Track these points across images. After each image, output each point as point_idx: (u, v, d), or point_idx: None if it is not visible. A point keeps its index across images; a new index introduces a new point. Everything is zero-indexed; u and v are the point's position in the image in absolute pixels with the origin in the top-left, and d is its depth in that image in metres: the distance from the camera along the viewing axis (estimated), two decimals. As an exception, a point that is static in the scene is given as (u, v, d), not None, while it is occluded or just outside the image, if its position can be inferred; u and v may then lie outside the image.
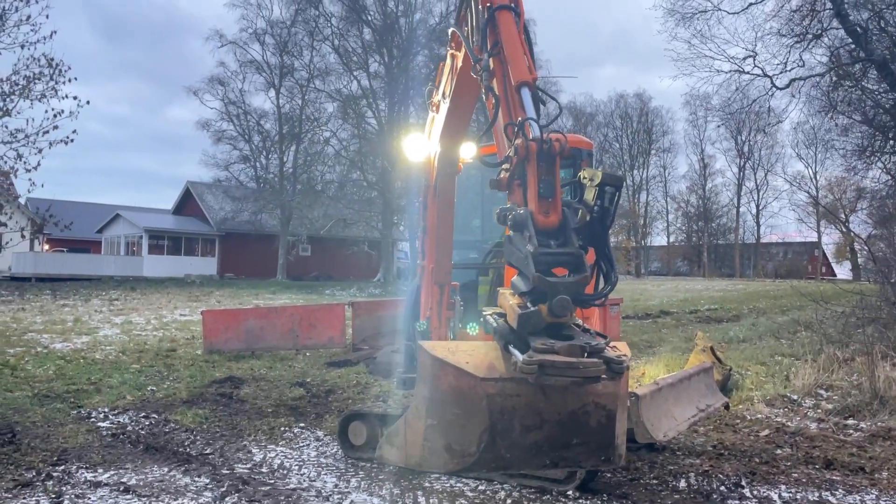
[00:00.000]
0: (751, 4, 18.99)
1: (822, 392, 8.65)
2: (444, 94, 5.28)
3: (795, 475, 5.74)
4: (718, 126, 62.28)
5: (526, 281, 3.07)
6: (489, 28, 3.92)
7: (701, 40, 20.19)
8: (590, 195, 3.43)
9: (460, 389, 3.17)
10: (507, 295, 3.20)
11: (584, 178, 3.46)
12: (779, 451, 6.43)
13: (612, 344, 3.37)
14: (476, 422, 3.15)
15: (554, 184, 3.21)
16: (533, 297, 3.05)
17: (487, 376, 3.11)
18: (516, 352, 2.99)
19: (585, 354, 2.93)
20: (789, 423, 7.41)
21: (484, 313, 3.31)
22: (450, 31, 4.96)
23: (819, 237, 69.39)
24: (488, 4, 3.96)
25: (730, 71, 20.17)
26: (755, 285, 43.40)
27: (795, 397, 8.47)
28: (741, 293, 34.17)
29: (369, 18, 41.09)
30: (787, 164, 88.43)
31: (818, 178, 64.79)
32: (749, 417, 7.72)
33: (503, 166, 3.43)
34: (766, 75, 19.52)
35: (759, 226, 74.73)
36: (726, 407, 7.40)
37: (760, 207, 74.03)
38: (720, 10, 19.58)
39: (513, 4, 3.98)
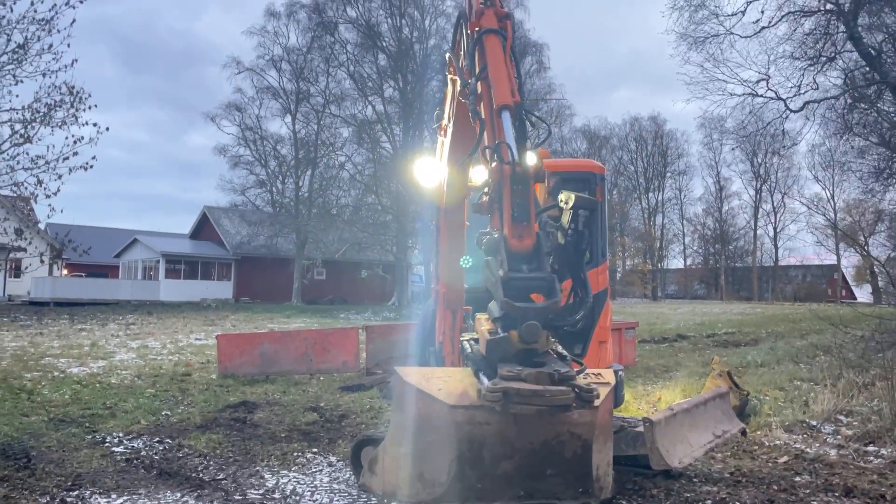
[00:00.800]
0: (763, 28, 19.00)
1: (842, 418, 8.51)
2: (448, 117, 5.33)
3: (815, 503, 5.63)
4: (733, 149, 62.14)
5: (498, 306, 2.99)
6: (477, 52, 3.90)
7: (713, 64, 20.19)
8: (565, 218, 3.36)
9: (431, 417, 3.07)
10: (482, 320, 3.14)
11: (561, 201, 3.41)
12: (798, 479, 6.32)
13: (594, 372, 3.29)
14: (446, 450, 3.04)
15: (528, 207, 3.13)
16: (504, 323, 2.96)
17: (457, 404, 3.01)
18: (484, 378, 2.91)
19: (553, 382, 2.83)
20: (808, 450, 7.28)
21: (461, 339, 3.25)
22: (446, 55, 4.98)
23: (838, 260, 68.64)
24: (477, 28, 3.95)
25: (743, 94, 20.14)
26: (773, 309, 42.92)
27: (815, 423, 8.33)
28: (759, 317, 33.80)
29: (384, 45, 41.63)
30: (805, 186, 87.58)
31: (836, 200, 64.27)
32: (767, 444, 7.59)
33: (484, 190, 3.36)
34: (779, 98, 19.47)
35: (776, 248, 74.16)
36: (743, 433, 7.30)
37: (778, 230, 73.49)
38: (732, 34, 19.60)
39: (501, 28, 3.96)
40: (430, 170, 6.20)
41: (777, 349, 17.57)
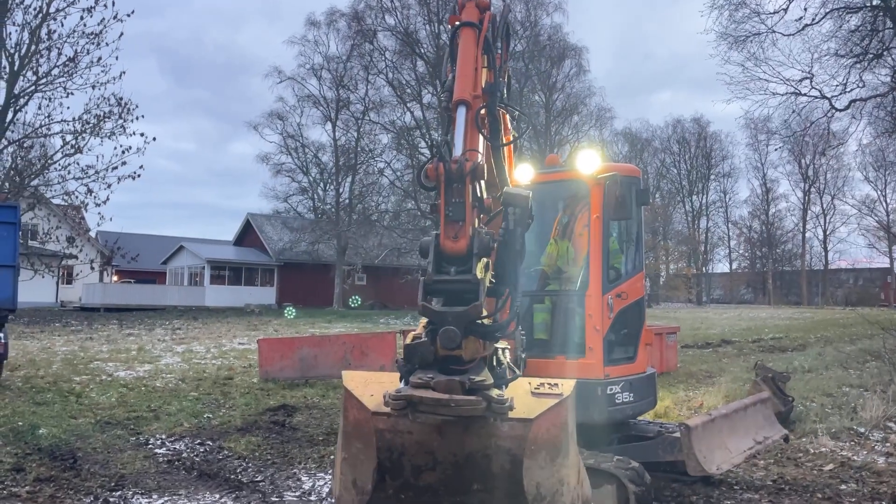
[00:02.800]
0: (806, 26, 18.53)
1: (892, 425, 8.25)
2: None
3: (861, 512, 5.47)
4: (777, 149, 60.80)
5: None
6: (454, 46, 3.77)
7: (755, 63, 19.77)
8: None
9: (359, 423, 3.00)
10: (419, 326, 3.00)
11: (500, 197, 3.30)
12: (843, 487, 6.14)
13: (551, 382, 3.16)
14: (371, 458, 2.95)
15: (464, 207, 2.99)
16: (428, 328, 2.85)
17: (378, 410, 2.91)
18: (401, 385, 2.82)
19: (465, 391, 2.67)
20: (855, 458, 7.07)
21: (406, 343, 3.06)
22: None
23: (891, 263, 66.50)
24: (457, 23, 3.84)
25: (786, 93, 19.66)
26: (823, 313, 41.76)
27: (863, 430, 8.09)
28: (808, 322, 32.93)
29: (422, 51, 41.85)
30: (855, 187, 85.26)
31: (888, 201, 62.35)
32: (812, 451, 7.39)
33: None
34: (824, 97, 18.97)
35: (826, 252, 72.10)
36: (786, 439, 7.11)
37: (828, 233, 71.47)
38: (774, 32, 19.18)
39: (477, 21, 3.80)
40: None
41: (825, 355, 17.09)
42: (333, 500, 3.75)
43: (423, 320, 2.94)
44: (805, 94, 19.32)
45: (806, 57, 34.64)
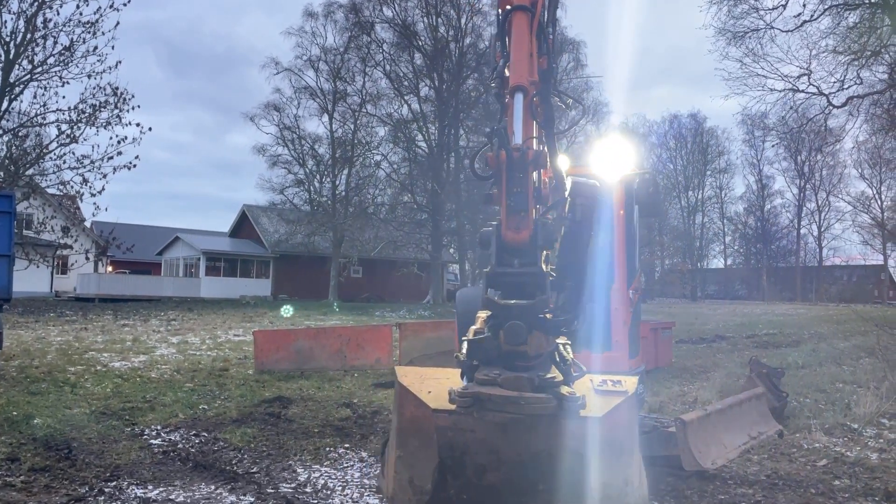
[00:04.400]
0: (805, 22, 18.59)
1: (885, 421, 8.29)
2: None
3: (854, 508, 5.50)
4: (774, 146, 60.88)
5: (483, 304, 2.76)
6: (507, 31, 3.60)
7: (753, 59, 19.85)
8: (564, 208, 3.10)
9: (417, 420, 2.89)
10: (479, 319, 2.86)
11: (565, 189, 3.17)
12: (836, 482, 6.17)
13: (613, 379, 3.05)
14: (430, 456, 2.83)
15: (526, 196, 2.85)
16: (491, 322, 2.73)
17: (440, 407, 2.79)
18: (464, 382, 2.73)
19: (534, 389, 2.57)
20: (849, 453, 7.11)
21: (463, 338, 2.94)
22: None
23: (885, 260, 66.79)
24: (507, 7, 3.68)
25: (784, 89, 19.75)
26: (817, 310, 41.89)
27: (856, 426, 8.13)
28: (802, 318, 33.05)
29: (420, 44, 41.77)
30: (850, 184, 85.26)
31: (883, 198, 62.49)
32: (806, 446, 7.42)
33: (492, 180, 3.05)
34: (821, 93, 19.02)
35: (821, 248, 72.38)
36: (780, 435, 7.15)
37: (822, 229, 71.73)
38: (773, 28, 19.21)
39: (532, 4, 3.63)
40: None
41: (819, 351, 17.16)
42: (386, 499, 3.63)
43: (483, 314, 2.81)
44: (803, 91, 19.41)
45: (804, 53, 34.64)
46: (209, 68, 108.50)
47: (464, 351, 2.75)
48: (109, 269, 49.49)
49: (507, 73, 3.48)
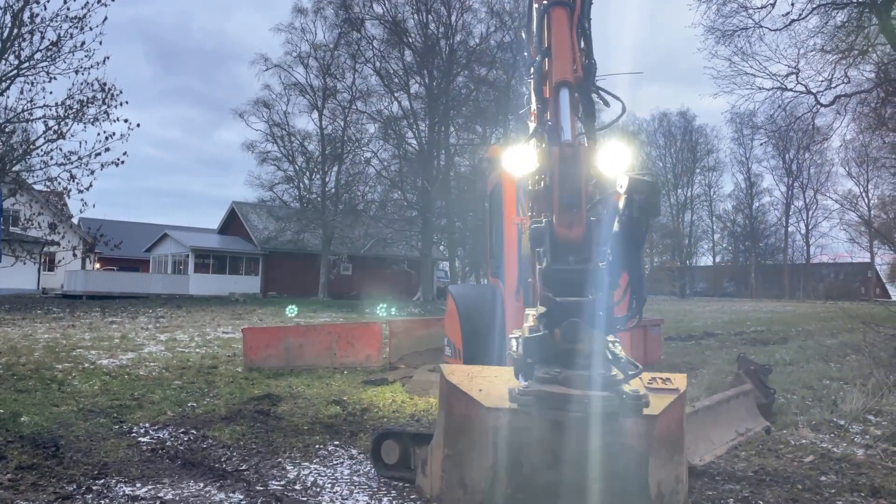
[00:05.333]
0: (793, 21, 18.67)
1: (871, 417, 8.36)
2: (534, 101, 5.16)
3: (840, 503, 5.54)
4: (762, 144, 61.26)
5: (539, 301, 2.73)
6: (545, 26, 3.60)
7: (742, 57, 19.92)
8: (619, 205, 3.05)
9: (470, 419, 2.84)
10: (530, 316, 2.84)
11: (618, 185, 3.12)
12: (823, 478, 6.22)
13: (663, 377, 3.01)
14: (484, 455, 2.78)
15: (579, 194, 2.85)
16: (546, 320, 2.68)
17: (495, 406, 2.76)
18: (520, 380, 2.69)
19: (597, 387, 2.51)
20: (835, 449, 7.16)
21: (510, 336, 2.91)
22: (523, 34, 4.61)
23: (871, 258, 67.33)
24: (546, 2, 3.67)
25: (772, 88, 19.84)
26: (804, 307, 42.22)
27: (842, 422, 8.19)
28: (789, 315, 33.28)
29: (410, 41, 41.72)
30: (837, 182, 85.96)
31: (870, 196, 63.01)
32: (793, 443, 7.48)
33: (537, 176, 3.07)
34: (809, 92, 19.14)
35: (808, 246, 72.99)
36: (767, 431, 7.21)
37: (810, 227, 72.34)
38: (761, 27, 19.30)
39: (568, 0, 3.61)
40: (521, 157, 6.04)
41: (806, 348, 17.28)
42: (431, 499, 3.49)
43: (534, 311, 2.76)
44: (791, 90, 19.50)
45: (792, 52, 34.83)
46: (198, 64, 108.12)
47: (517, 349, 2.72)
48: (97, 265, 49.18)
49: (544, 68, 3.48)
